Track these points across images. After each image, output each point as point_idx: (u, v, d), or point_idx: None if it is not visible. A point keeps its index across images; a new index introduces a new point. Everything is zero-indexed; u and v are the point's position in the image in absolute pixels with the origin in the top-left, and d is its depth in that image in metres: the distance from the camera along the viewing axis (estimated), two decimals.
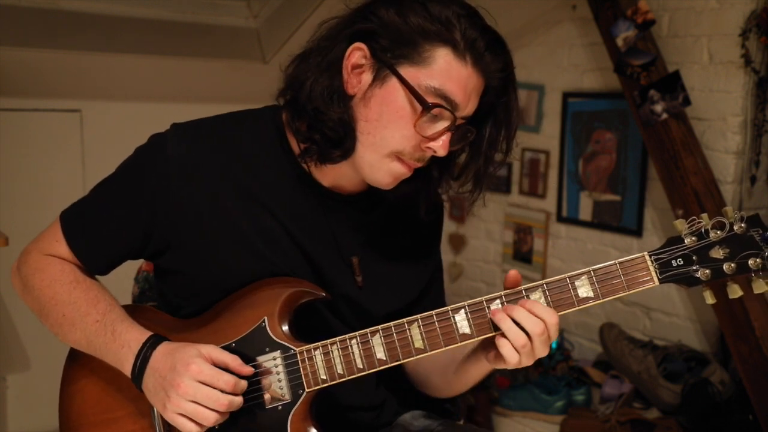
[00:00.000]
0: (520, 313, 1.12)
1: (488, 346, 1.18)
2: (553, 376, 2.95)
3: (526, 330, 1.10)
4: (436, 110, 1.13)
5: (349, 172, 1.25)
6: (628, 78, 2.68)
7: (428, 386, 1.42)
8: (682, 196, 2.58)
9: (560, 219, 3.30)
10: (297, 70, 1.20)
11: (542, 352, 1.13)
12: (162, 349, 1.17)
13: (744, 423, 2.44)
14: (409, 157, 1.17)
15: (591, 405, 2.85)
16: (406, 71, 1.12)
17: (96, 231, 1.29)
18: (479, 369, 1.25)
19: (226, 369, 1.16)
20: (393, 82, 1.13)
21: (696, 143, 2.62)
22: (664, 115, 2.59)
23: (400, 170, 1.19)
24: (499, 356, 1.14)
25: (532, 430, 2.82)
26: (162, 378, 1.14)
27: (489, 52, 1.14)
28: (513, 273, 1.17)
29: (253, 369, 1.18)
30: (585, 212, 3.19)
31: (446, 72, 1.12)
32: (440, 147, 1.15)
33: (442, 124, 1.15)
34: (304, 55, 1.21)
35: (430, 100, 1.12)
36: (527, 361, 1.13)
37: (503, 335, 1.12)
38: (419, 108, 1.12)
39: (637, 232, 2.98)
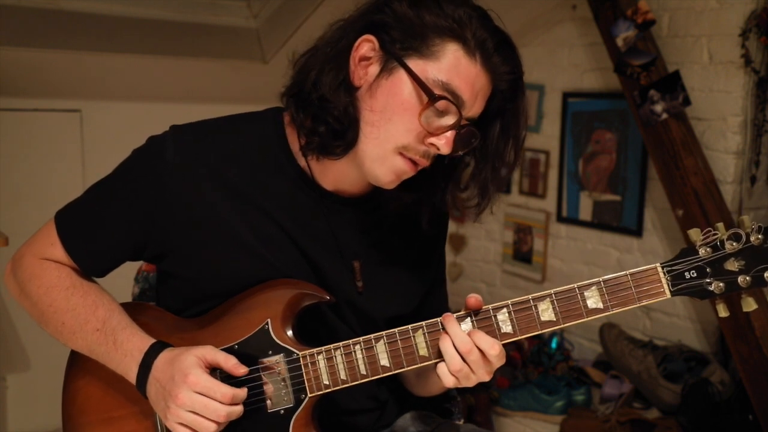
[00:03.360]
0: (457, 338, 1.12)
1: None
2: (553, 376, 2.95)
3: (459, 351, 1.11)
4: (441, 104, 1.11)
5: (350, 172, 1.23)
6: (628, 78, 2.68)
7: (403, 379, 1.43)
8: (682, 196, 2.58)
9: (560, 219, 3.30)
10: (305, 62, 1.20)
11: (480, 375, 1.13)
12: (163, 358, 1.17)
13: (744, 423, 2.44)
14: (414, 153, 1.15)
15: (591, 405, 2.85)
16: (415, 63, 1.12)
17: (93, 234, 1.27)
18: (435, 383, 1.26)
19: (220, 369, 1.17)
20: (400, 74, 1.12)
21: (696, 143, 2.62)
22: (664, 115, 2.59)
23: (403, 167, 1.16)
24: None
25: (532, 430, 2.82)
26: (162, 388, 1.15)
27: (498, 54, 1.13)
28: (473, 298, 1.14)
29: (247, 369, 1.17)
30: (585, 212, 3.19)
31: (455, 67, 1.11)
32: (444, 144, 1.13)
33: (448, 120, 1.13)
34: (313, 50, 1.20)
35: (437, 92, 1.11)
36: (466, 383, 1.13)
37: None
38: (425, 100, 1.11)
39: (637, 232, 2.98)
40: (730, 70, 2.60)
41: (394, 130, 1.13)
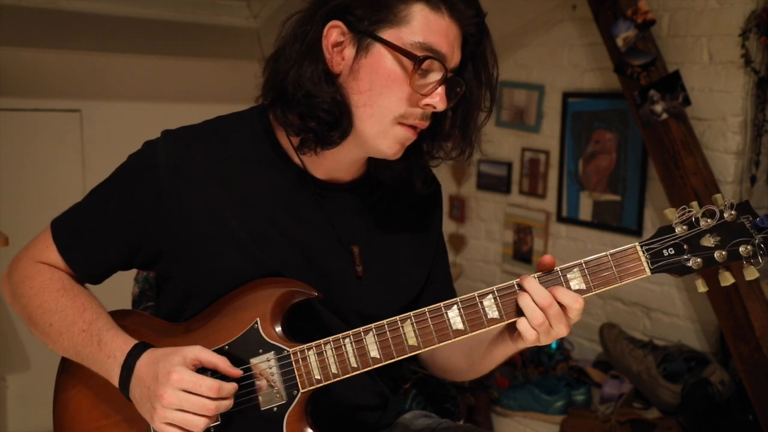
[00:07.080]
0: (536, 291, 1.10)
1: (511, 327, 1.16)
2: (553, 376, 2.95)
3: (539, 305, 1.09)
4: (426, 63, 1.13)
5: (345, 158, 1.25)
6: (628, 78, 2.68)
7: (449, 369, 1.39)
8: (682, 196, 2.58)
9: (560, 219, 3.30)
10: (277, 65, 1.20)
11: (559, 330, 1.11)
12: (146, 358, 1.16)
13: (744, 423, 2.44)
14: (413, 118, 1.17)
15: (591, 405, 2.85)
16: (388, 34, 1.13)
17: (87, 239, 1.28)
18: (503, 350, 1.22)
19: (216, 370, 1.16)
20: (377, 49, 1.14)
21: (696, 143, 2.62)
22: (664, 115, 2.59)
23: (405, 134, 1.19)
24: (519, 335, 1.13)
25: (532, 430, 2.82)
26: (146, 388, 1.14)
27: (461, 0, 1.15)
28: (548, 257, 1.14)
29: (241, 371, 1.18)
30: (585, 212, 3.19)
31: (426, 26, 1.13)
32: (439, 101, 1.15)
33: (434, 77, 1.15)
34: (278, 52, 1.21)
35: (419, 54, 1.13)
36: (546, 339, 1.12)
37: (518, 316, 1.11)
38: (410, 66, 1.13)
39: (637, 232, 2.98)
40: (730, 70, 2.60)
41: (388, 103, 1.15)
